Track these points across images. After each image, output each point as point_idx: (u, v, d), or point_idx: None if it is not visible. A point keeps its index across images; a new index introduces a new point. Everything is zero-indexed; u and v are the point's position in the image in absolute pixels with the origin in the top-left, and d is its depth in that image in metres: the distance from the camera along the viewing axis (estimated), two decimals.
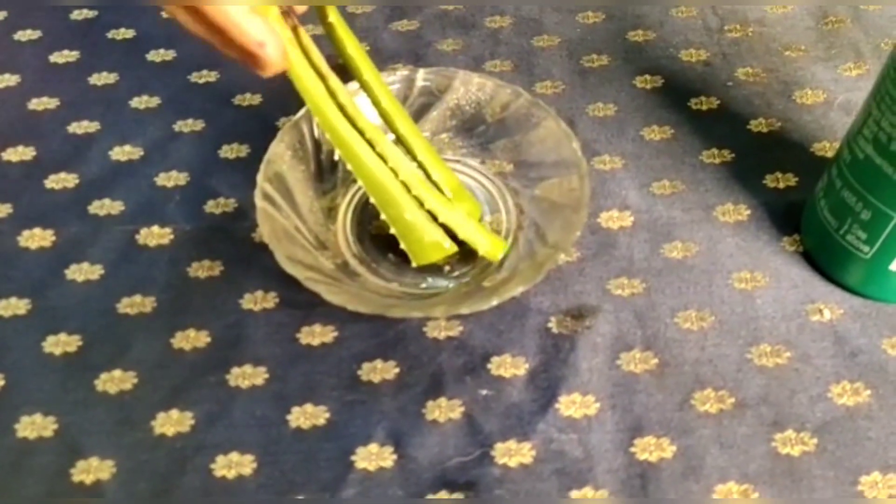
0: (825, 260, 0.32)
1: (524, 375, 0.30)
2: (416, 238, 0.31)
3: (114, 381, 0.30)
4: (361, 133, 0.30)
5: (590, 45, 0.41)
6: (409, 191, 0.30)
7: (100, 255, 0.33)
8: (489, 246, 0.31)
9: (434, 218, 0.31)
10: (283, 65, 0.28)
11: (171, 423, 0.29)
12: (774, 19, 0.42)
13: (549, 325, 0.31)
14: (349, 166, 0.30)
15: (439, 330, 0.31)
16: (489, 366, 0.30)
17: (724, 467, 0.28)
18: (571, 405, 0.29)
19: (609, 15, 0.43)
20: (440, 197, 0.31)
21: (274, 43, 0.26)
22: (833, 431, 0.28)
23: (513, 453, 0.28)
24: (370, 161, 0.30)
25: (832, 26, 0.42)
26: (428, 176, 0.32)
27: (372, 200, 0.31)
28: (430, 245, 0.31)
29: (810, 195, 0.33)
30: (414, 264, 0.31)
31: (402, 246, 0.31)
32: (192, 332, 0.31)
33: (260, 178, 0.31)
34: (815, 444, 0.28)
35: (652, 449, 0.28)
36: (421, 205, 0.31)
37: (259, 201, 0.30)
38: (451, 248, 0.31)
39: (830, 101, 0.38)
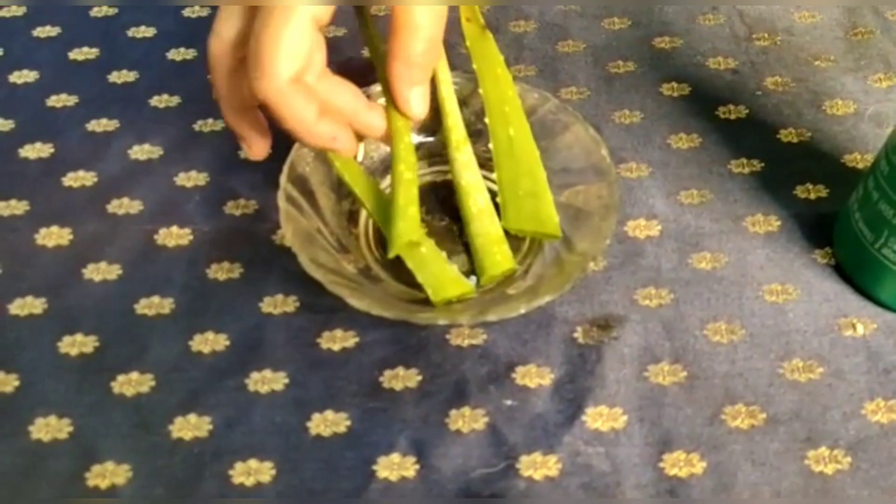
0: (859, 273, 0.31)
1: (550, 386, 0.29)
2: (431, 272, 0.30)
3: (131, 383, 0.29)
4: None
5: (615, 52, 0.41)
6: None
7: (118, 254, 0.33)
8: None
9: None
10: (356, 149, 0.29)
11: (189, 427, 0.28)
12: (803, 29, 0.42)
13: (575, 334, 0.30)
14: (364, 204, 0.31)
15: (462, 338, 0.30)
16: (514, 375, 0.29)
17: (756, 484, 0.27)
18: (598, 417, 0.28)
19: (635, 21, 0.42)
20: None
21: (344, 136, 0.28)
22: (867, 449, 0.28)
23: (538, 466, 0.27)
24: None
25: (861, 37, 0.41)
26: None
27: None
28: (448, 281, 0.30)
29: (843, 207, 0.32)
30: (433, 300, 0.30)
31: (419, 279, 0.30)
32: (210, 335, 0.30)
33: (283, 179, 0.30)
34: (848, 462, 0.27)
35: (681, 464, 0.27)
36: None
37: (282, 203, 0.30)
38: (468, 286, 0.30)
39: (861, 112, 0.38)
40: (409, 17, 0.26)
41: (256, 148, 0.30)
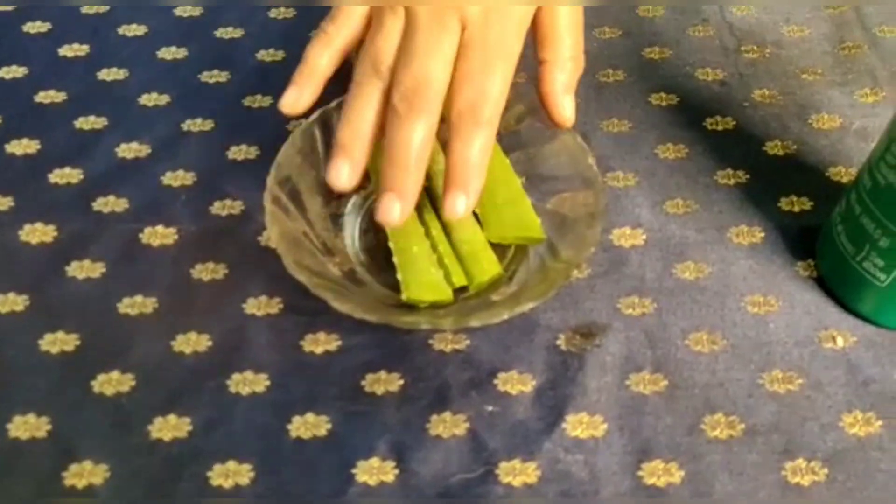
0: (840, 286, 0.31)
1: (531, 393, 0.29)
2: (414, 272, 0.30)
3: (111, 382, 0.29)
4: None
5: (605, 61, 0.41)
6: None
7: (102, 252, 0.33)
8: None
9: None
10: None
11: (169, 428, 0.28)
12: (791, 42, 0.42)
13: (558, 342, 0.30)
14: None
15: (445, 343, 0.30)
16: (495, 381, 0.29)
17: (733, 495, 0.27)
18: (578, 425, 0.28)
19: (625, 31, 0.42)
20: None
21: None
22: (844, 461, 0.28)
23: (517, 472, 0.27)
24: None
25: (849, 52, 0.41)
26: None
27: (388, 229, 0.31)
28: (426, 283, 0.30)
29: (826, 220, 0.32)
30: (403, 297, 0.30)
31: (398, 276, 0.30)
32: (193, 336, 0.30)
33: (270, 180, 0.30)
34: (825, 474, 0.27)
35: (660, 473, 0.27)
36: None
37: (268, 204, 0.30)
38: (447, 293, 0.30)
39: (846, 126, 0.38)
40: (555, 24, 0.30)
41: (305, 100, 0.31)
